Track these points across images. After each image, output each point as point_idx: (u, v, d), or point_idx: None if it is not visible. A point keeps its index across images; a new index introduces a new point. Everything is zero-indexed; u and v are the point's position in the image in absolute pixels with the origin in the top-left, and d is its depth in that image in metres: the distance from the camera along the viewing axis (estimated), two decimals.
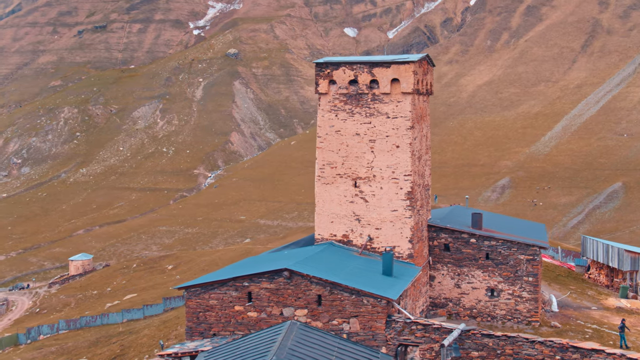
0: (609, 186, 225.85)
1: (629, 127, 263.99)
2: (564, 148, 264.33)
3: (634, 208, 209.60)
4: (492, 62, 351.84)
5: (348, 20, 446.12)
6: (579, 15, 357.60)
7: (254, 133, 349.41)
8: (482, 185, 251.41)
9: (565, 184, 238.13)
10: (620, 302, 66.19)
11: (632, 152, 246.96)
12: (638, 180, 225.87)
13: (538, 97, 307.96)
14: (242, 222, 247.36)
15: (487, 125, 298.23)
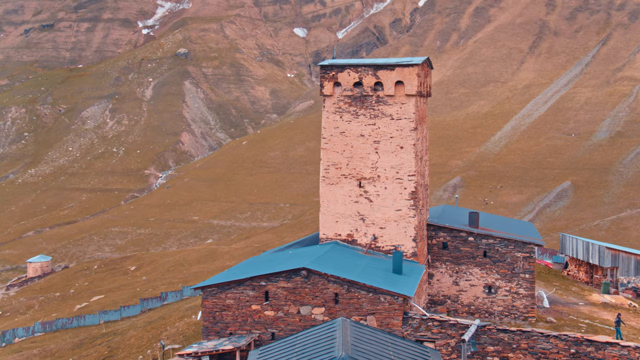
0: (558, 185, 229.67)
1: (577, 127, 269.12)
2: (514, 147, 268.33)
3: (582, 206, 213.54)
4: (442, 62, 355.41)
5: (298, 21, 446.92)
6: (526, 17, 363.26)
7: (205, 133, 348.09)
8: (433, 184, 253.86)
9: (515, 183, 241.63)
10: (604, 298, 68.27)
11: (580, 152, 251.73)
12: (586, 179, 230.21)
13: (487, 97, 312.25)
14: (195, 222, 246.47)
15: (438, 125, 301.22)
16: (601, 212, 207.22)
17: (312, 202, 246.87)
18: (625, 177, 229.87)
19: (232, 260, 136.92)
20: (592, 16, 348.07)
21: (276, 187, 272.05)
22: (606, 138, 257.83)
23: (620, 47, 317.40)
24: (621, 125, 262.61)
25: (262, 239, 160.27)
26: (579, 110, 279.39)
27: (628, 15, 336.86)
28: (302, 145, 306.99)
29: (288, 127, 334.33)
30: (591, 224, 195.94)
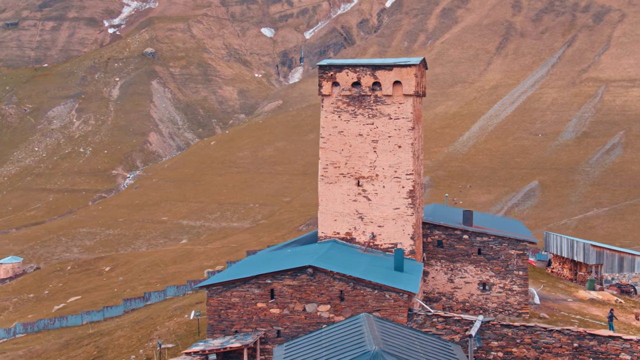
0: (526, 185, 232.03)
1: (544, 127, 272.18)
2: (482, 147, 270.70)
3: (550, 206, 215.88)
4: None
5: (265, 21, 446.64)
6: (493, 18, 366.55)
7: (173, 133, 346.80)
8: None
9: (484, 182, 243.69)
10: (591, 294, 69.56)
11: (547, 152, 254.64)
12: (553, 178, 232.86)
13: (455, 97, 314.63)
14: (165, 222, 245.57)
15: None
16: (568, 211, 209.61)
17: (282, 202, 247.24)
18: (592, 176, 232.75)
19: (209, 260, 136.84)
20: (557, 18, 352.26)
21: (245, 187, 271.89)
22: (572, 138, 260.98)
23: (585, 48, 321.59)
24: (587, 125, 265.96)
25: (238, 239, 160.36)
26: (546, 110, 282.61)
27: (593, 17, 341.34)
28: (271, 145, 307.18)
29: (256, 127, 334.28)
30: (559, 222, 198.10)
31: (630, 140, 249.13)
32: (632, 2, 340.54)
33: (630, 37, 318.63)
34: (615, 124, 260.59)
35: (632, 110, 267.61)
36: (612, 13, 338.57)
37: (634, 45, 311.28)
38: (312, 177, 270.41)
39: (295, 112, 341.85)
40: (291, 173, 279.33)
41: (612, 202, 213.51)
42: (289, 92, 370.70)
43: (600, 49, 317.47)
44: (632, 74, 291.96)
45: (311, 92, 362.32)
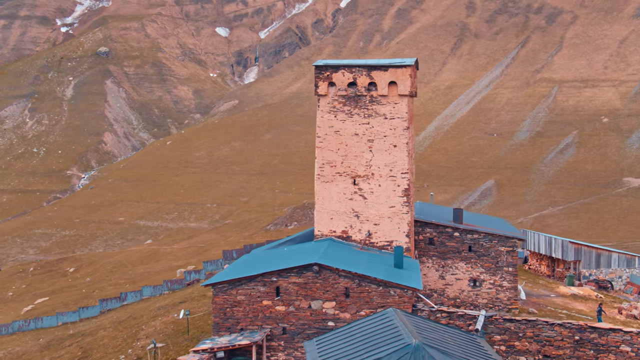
0: (482, 184, 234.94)
1: (498, 127, 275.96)
2: (438, 147, 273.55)
3: (506, 204, 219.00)
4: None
5: (219, 20, 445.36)
6: (447, 19, 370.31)
7: (128, 133, 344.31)
8: None
9: (440, 182, 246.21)
10: (572, 290, 71.27)
11: (502, 151, 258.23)
12: (509, 178, 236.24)
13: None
14: (121, 223, 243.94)
15: None
16: (524, 210, 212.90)
17: (240, 202, 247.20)
18: (546, 175, 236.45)
19: (177, 260, 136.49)
20: (511, 19, 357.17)
21: (202, 187, 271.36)
22: (527, 138, 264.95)
23: (539, 49, 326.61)
24: (541, 125, 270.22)
25: (205, 239, 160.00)
26: (500, 110, 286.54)
27: (545, 19, 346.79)
28: (228, 145, 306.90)
29: (212, 127, 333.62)
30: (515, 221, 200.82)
31: (583, 140, 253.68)
32: (583, 4, 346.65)
33: (582, 39, 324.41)
34: (569, 124, 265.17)
35: (585, 110, 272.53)
36: (565, 15, 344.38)
37: (586, 47, 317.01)
38: (269, 177, 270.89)
39: (251, 112, 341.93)
40: (248, 173, 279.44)
41: (566, 201, 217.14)
42: (245, 92, 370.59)
43: (553, 50, 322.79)
44: (585, 74, 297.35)
45: (267, 92, 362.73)
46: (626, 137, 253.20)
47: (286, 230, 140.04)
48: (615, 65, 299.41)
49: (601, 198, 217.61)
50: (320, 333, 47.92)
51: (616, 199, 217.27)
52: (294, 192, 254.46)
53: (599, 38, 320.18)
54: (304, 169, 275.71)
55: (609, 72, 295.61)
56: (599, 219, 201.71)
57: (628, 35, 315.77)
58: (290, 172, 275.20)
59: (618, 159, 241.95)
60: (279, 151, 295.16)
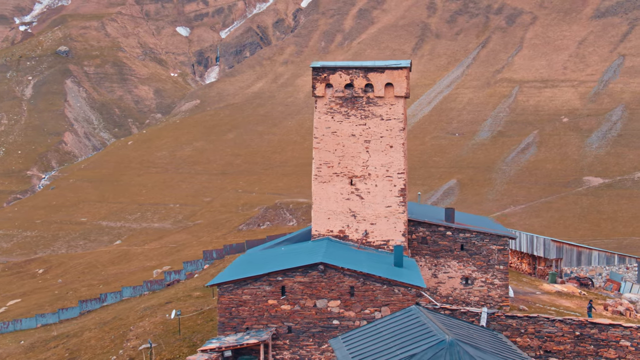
0: (444, 183, 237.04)
1: (460, 127, 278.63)
2: None
3: (469, 204, 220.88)
4: None
5: (180, 19, 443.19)
6: (408, 19, 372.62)
7: (88, 133, 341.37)
8: None
9: None
10: (556, 287, 72.78)
11: (464, 151, 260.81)
12: (471, 177, 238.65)
13: None
14: (84, 224, 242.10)
15: None
16: (486, 209, 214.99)
17: (202, 203, 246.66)
18: (508, 175, 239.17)
19: (150, 261, 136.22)
20: (471, 19, 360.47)
21: (165, 187, 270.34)
22: (488, 137, 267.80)
23: (499, 49, 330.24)
24: (502, 125, 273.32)
25: (176, 239, 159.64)
26: (462, 110, 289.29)
27: (505, 19, 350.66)
28: (190, 145, 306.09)
29: (174, 127, 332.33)
30: None
31: (543, 139, 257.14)
32: (543, 5, 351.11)
33: (541, 39, 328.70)
34: (529, 124, 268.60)
35: (545, 110, 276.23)
36: (524, 15, 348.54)
37: (546, 47, 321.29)
38: (231, 177, 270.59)
39: (213, 111, 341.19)
40: (210, 173, 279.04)
41: (527, 200, 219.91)
42: (207, 92, 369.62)
43: (514, 50, 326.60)
44: (544, 75, 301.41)
45: (229, 91, 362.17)
46: (586, 136, 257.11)
47: (259, 230, 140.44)
48: (575, 65, 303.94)
49: (562, 197, 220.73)
50: (326, 331, 48.65)
51: (576, 198, 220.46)
52: (257, 191, 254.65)
53: (558, 39, 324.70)
54: (267, 168, 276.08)
55: (568, 73, 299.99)
56: (560, 218, 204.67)
57: (587, 36, 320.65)
58: (253, 171, 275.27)
59: (578, 159, 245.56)
60: (242, 151, 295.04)
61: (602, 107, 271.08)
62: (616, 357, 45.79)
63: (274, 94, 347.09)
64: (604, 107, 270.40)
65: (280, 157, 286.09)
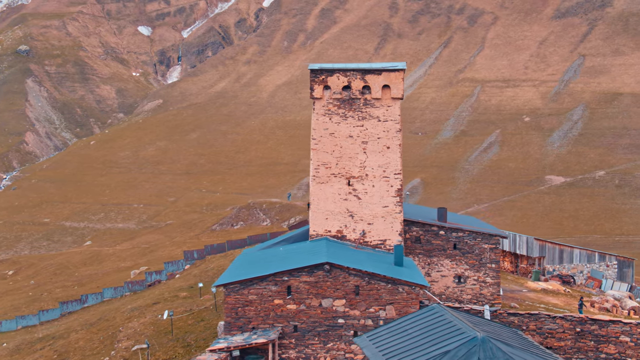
0: (408, 182, 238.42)
1: (423, 126, 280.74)
2: None
3: (433, 203, 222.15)
4: (290, 62, 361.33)
5: (142, 19, 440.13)
6: (371, 19, 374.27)
7: (50, 133, 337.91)
8: (287, 183, 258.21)
9: None
10: (541, 285, 74.23)
11: (427, 150, 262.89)
12: (435, 176, 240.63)
13: None
14: (47, 224, 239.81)
15: (288, 125, 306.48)
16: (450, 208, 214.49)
17: (167, 203, 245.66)
18: (471, 174, 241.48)
19: (123, 261, 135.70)
20: (433, 19, 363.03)
21: (128, 187, 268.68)
22: (451, 137, 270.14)
23: (461, 49, 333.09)
24: (464, 124, 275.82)
25: (148, 239, 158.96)
26: (425, 110, 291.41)
27: (467, 19, 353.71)
28: (153, 145, 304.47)
29: (137, 126, 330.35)
30: None
31: (506, 138, 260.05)
32: (504, 5, 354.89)
33: (503, 39, 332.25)
34: (492, 123, 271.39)
35: (507, 109, 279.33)
36: (486, 15, 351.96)
37: (507, 47, 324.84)
38: (195, 177, 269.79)
39: (176, 111, 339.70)
40: (174, 173, 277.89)
41: (491, 199, 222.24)
42: (169, 92, 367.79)
43: (475, 50, 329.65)
44: (506, 74, 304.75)
45: (192, 91, 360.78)
46: (547, 135, 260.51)
47: (232, 230, 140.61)
48: (536, 65, 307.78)
49: (524, 195, 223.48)
50: (331, 330, 49.43)
51: (539, 197, 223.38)
52: (221, 191, 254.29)
53: (519, 39, 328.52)
54: (231, 168, 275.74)
55: (529, 72, 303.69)
56: (523, 216, 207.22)
57: (547, 36, 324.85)
58: (217, 171, 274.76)
59: (540, 157, 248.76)
60: (205, 151, 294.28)
61: (563, 106, 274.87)
62: (616, 353, 47.12)
63: (237, 94, 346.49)
64: (565, 107, 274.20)
65: (244, 157, 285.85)
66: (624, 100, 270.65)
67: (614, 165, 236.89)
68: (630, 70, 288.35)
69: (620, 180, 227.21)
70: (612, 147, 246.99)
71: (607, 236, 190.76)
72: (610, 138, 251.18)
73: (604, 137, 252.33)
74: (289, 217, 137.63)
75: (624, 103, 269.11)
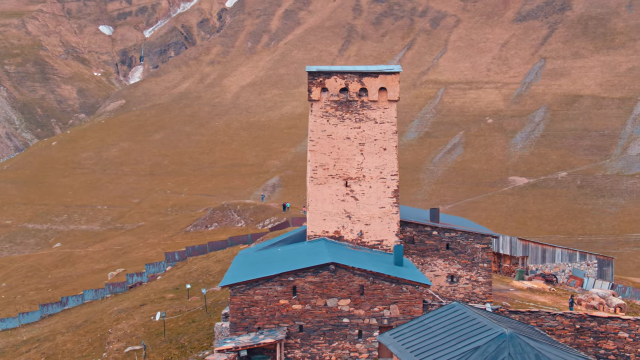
0: None
1: None
2: None
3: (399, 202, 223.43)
4: (254, 63, 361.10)
5: (103, 18, 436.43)
6: (335, 21, 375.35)
7: (10, 133, 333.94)
8: (253, 184, 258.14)
9: None
10: (527, 284, 75.59)
11: None
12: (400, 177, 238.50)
13: (300, 98, 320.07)
14: (9, 226, 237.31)
15: (253, 126, 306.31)
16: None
17: (131, 204, 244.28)
18: (435, 175, 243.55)
19: (97, 263, 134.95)
20: (396, 22, 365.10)
21: (91, 188, 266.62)
22: (415, 138, 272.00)
23: (424, 51, 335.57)
24: (429, 126, 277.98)
25: (120, 241, 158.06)
26: None
27: (430, 22, 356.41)
28: (116, 145, 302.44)
29: (99, 127, 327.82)
30: None
31: (469, 140, 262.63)
32: (466, 8, 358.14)
33: (465, 42, 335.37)
34: (455, 125, 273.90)
35: (470, 111, 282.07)
36: (448, 18, 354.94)
37: (469, 50, 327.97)
38: (159, 178, 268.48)
39: (139, 111, 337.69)
40: (138, 174, 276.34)
41: (455, 200, 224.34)
42: (132, 92, 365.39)
43: (438, 52, 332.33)
44: (469, 76, 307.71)
45: (154, 91, 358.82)
46: (510, 137, 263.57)
47: (207, 231, 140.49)
48: (498, 67, 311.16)
49: (489, 196, 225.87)
50: (336, 329, 50.10)
51: (503, 197, 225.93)
52: (186, 192, 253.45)
53: (481, 41, 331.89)
54: (195, 169, 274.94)
55: (492, 75, 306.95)
56: (487, 217, 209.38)
57: (509, 39, 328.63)
58: (181, 172, 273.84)
59: (503, 159, 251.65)
60: (169, 152, 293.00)
61: (525, 108, 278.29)
62: (615, 348, 48.42)
63: (201, 94, 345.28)
64: (527, 109, 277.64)
65: (208, 158, 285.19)
66: (584, 102, 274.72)
67: (575, 166, 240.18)
68: (589, 72, 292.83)
69: (581, 181, 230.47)
70: (573, 148, 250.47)
71: (570, 236, 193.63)
72: (572, 139, 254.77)
73: (565, 138, 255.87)
74: (264, 218, 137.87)
75: (584, 105, 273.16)
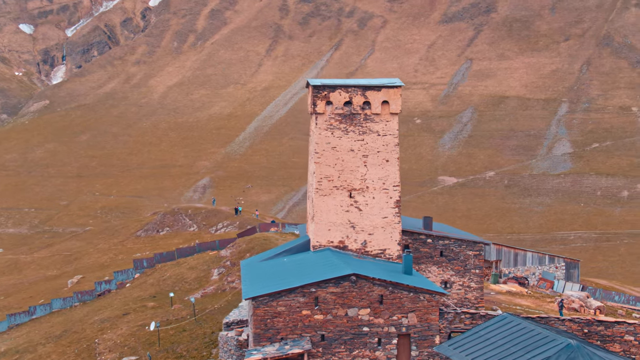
0: (304, 184, 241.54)
1: None
2: (259, 148, 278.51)
3: None
4: (181, 63, 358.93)
5: (23, 16, 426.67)
6: (261, 21, 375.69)
7: None
8: (183, 185, 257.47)
9: (263, 182, 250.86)
10: (505, 287, 78.34)
11: None
12: None
13: (228, 98, 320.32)
14: None
15: (181, 127, 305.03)
16: None
17: (59, 206, 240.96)
18: None
19: (48, 269, 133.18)
20: (324, 22, 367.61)
21: (17, 191, 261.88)
22: None
23: (352, 52, 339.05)
24: None
25: (68, 246, 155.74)
26: None
27: (357, 22, 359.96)
28: (41, 147, 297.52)
29: (22, 128, 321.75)
30: None
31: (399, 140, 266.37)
32: (393, 9, 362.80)
33: (392, 42, 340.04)
34: None
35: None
36: (375, 19, 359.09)
37: (397, 50, 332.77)
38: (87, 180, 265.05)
39: (64, 112, 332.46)
40: (65, 176, 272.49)
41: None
42: (56, 92, 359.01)
43: (366, 53, 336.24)
44: (397, 77, 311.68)
45: (79, 91, 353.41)
46: (438, 137, 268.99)
47: (158, 236, 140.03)
48: (425, 68, 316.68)
49: (419, 196, 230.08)
50: (356, 338, 51.70)
51: (432, 197, 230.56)
52: (115, 194, 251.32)
53: (408, 42, 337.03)
54: (124, 170, 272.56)
55: (419, 75, 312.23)
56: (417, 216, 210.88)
57: (436, 40, 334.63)
58: (109, 174, 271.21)
59: (432, 159, 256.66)
60: (97, 153, 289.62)
61: (453, 109, 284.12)
62: (621, 351, 51.17)
63: (127, 95, 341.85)
64: (454, 109, 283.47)
65: (136, 159, 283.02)
66: (510, 103, 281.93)
67: (502, 166, 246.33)
68: (515, 74, 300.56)
69: (509, 180, 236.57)
70: (500, 148, 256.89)
71: (499, 234, 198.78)
72: (499, 140, 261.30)
73: (492, 138, 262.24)
74: (216, 222, 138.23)
75: (510, 106, 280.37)
